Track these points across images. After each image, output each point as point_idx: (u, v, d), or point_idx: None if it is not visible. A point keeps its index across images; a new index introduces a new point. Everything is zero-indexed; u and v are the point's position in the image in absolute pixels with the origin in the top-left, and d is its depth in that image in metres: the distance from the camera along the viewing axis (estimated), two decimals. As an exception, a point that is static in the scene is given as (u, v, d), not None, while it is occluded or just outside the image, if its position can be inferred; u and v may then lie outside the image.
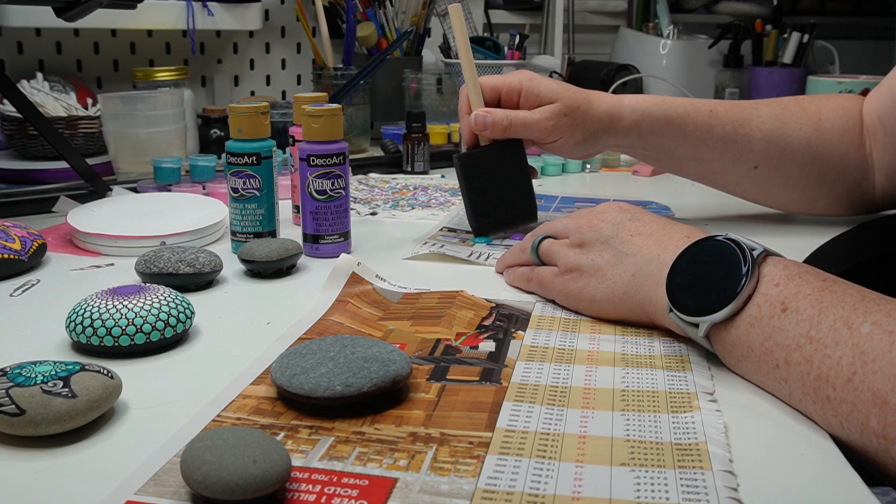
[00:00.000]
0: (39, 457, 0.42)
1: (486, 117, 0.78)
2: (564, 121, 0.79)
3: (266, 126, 0.75)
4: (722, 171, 0.85)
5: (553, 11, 1.84)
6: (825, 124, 0.82)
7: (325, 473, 0.40)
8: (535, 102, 0.80)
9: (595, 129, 0.80)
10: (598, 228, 0.61)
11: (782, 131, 0.82)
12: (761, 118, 0.83)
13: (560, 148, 0.81)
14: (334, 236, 0.76)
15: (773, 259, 0.51)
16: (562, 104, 0.79)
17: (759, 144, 0.82)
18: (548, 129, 0.79)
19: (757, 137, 0.82)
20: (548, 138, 0.80)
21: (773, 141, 0.82)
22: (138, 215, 0.82)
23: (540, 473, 0.40)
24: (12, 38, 1.35)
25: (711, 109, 0.82)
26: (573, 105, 0.79)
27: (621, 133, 0.81)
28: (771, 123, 0.82)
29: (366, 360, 0.47)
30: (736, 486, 0.39)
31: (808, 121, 0.82)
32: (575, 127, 0.79)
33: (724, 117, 0.82)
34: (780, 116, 0.83)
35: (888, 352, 0.41)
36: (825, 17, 2.12)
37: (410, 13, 1.48)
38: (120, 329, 0.53)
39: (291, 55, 1.62)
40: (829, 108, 0.83)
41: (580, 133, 0.80)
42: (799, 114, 0.83)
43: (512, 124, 0.78)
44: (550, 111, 0.79)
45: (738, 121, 0.82)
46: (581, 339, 0.57)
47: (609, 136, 0.82)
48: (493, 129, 0.79)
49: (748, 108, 0.84)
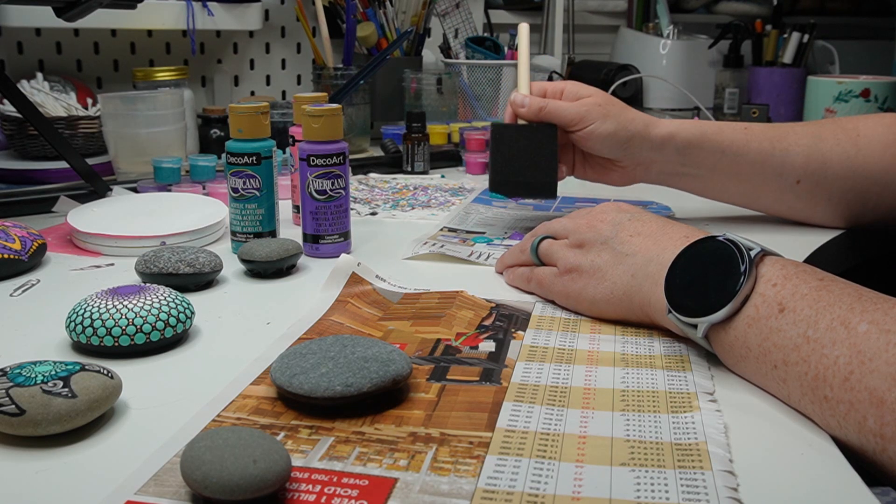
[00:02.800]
0: (39, 457, 0.42)
1: (525, 98, 0.83)
2: (597, 109, 0.81)
3: (266, 126, 0.76)
4: (765, 188, 0.85)
5: (553, 11, 1.84)
6: (863, 140, 0.81)
7: (325, 473, 0.40)
8: (575, 98, 0.83)
9: (627, 125, 0.81)
10: (597, 229, 0.61)
11: (820, 146, 0.82)
12: (797, 135, 0.83)
13: (592, 138, 0.81)
14: (334, 236, 0.76)
15: (770, 259, 0.51)
16: (598, 98, 0.82)
17: (797, 158, 0.82)
18: (580, 113, 0.81)
19: (795, 152, 0.82)
20: (579, 123, 0.81)
21: (811, 156, 0.82)
22: (138, 215, 0.82)
23: (540, 473, 0.40)
24: (12, 38, 1.35)
25: (746, 127, 0.84)
26: (608, 99, 0.83)
27: (657, 142, 0.82)
28: (808, 139, 0.82)
29: (366, 360, 0.47)
30: (736, 486, 0.39)
31: (846, 137, 0.82)
32: (606, 116, 0.81)
33: (760, 134, 0.83)
34: (817, 133, 0.83)
35: (885, 351, 0.41)
36: (825, 17, 2.12)
37: (410, 13, 1.48)
38: (120, 329, 0.53)
39: (291, 55, 1.62)
40: (867, 126, 0.82)
41: (612, 123, 0.81)
42: (836, 131, 0.83)
43: (546, 106, 0.82)
44: (584, 101, 0.82)
45: (775, 137, 0.83)
46: (581, 339, 0.57)
47: (644, 141, 0.82)
48: (529, 109, 0.82)
49: (783, 127, 0.85)
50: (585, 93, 0.83)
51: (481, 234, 0.85)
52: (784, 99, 1.70)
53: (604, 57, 1.98)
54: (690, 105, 1.65)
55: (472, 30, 1.60)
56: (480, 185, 1.10)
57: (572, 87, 0.84)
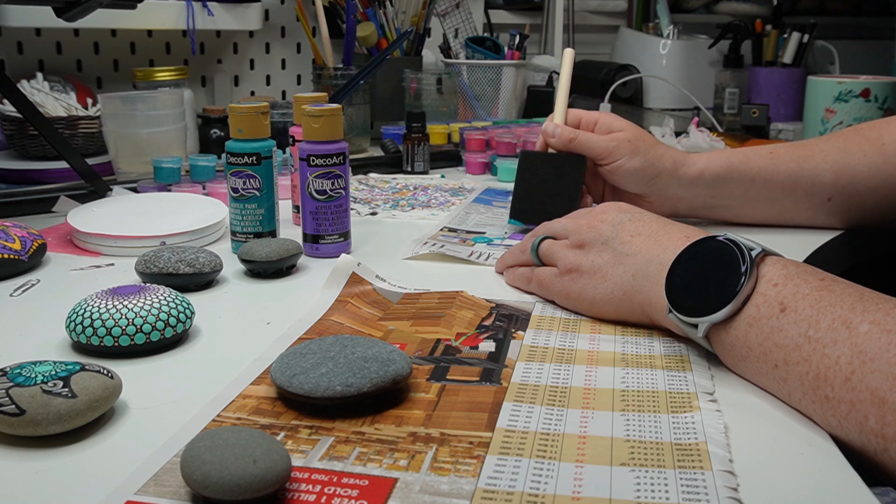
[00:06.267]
0: (39, 457, 0.42)
1: (556, 128, 0.84)
2: (626, 145, 0.81)
3: (266, 126, 0.76)
4: (797, 209, 0.85)
5: (553, 11, 1.84)
6: (889, 148, 0.81)
7: (325, 473, 0.40)
8: (606, 132, 0.83)
9: (655, 162, 0.81)
10: (597, 229, 0.61)
11: (847, 160, 0.82)
12: (823, 152, 0.83)
13: (619, 173, 0.82)
14: (334, 236, 0.76)
15: (771, 259, 0.51)
16: (629, 133, 0.82)
17: (826, 175, 0.82)
18: (608, 148, 0.81)
19: (823, 169, 0.82)
20: (607, 158, 0.82)
21: (840, 171, 0.82)
22: (138, 215, 0.82)
23: (540, 473, 0.40)
24: (12, 38, 1.35)
25: (772, 151, 0.84)
26: (639, 135, 0.82)
27: (686, 181, 0.82)
28: (834, 156, 0.82)
29: (366, 360, 0.47)
30: (736, 486, 0.39)
31: (871, 147, 0.81)
32: (635, 152, 0.81)
33: (786, 156, 0.83)
34: (843, 147, 0.82)
35: (886, 351, 0.41)
36: (825, 17, 2.12)
37: (410, 13, 1.48)
38: (120, 329, 0.53)
39: (291, 55, 1.62)
40: (890, 132, 0.82)
41: (639, 160, 0.81)
42: (861, 142, 0.82)
43: (577, 138, 0.83)
44: (615, 135, 0.82)
45: (801, 157, 0.82)
46: (581, 339, 0.57)
47: (671, 179, 0.82)
48: (560, 139, 0.83)
49: (808, 145, 0.84)
50: (618, 126, 0.83)
51: (481, 234, 0.85)
52: (784, 99, 1.70)
53: (604, 57, 1.98)
54: (690, 105, 1.65)
55: (472, 30, 1.60)
56: (480, 185, 1.10)
57: (606, 119, 0.84)
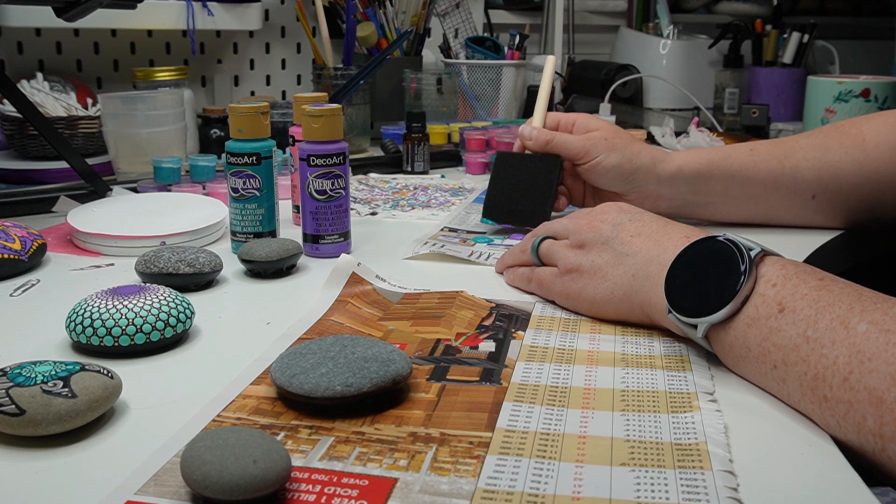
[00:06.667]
0: (39, 457, 0.42)
1: (533, 131, 0.84)
2: (603, 143, 0.81)
3: (266, 126, 0.76)
4: (782, 208, 0.84)
5: (553, 11, 1.84)
6: (870, 144, 0.81)
7: (325, 473, 0.40)
8: (584, 132, 0.84)
9: (633, 158, 0.81)
10: (598, 229, 0.61)
11: (828, 158, 0.81)
12: (804, 149, 0.82)
13: (596, 170, 0.82)
14: (334, 236, 0.76)
15: (770, 259, 0.51)
16: (605, 131, 0.83)
17: (809, 173, 0.82)
18: (584, 147, 0.82)
19: (805, 167, 0.82)
20: (584, 156, 0.82)
21: (822, 168, 0.81)
22: (138, 215, 0.82)
23: (540, 473, 0.40)
24: (12, 38, 1.35)
25: (752, 149, 0.83)
26: (615, 133, 0.83)
27: (664, 178, 0.82)
28: (815, 153, 0.82)
29: (366, 360, 0.47)
30: (736, 486, 0.39)
31: (852, 144, 0.81)
32: (612, 150, 0.81)
33: (766, 153, 0.83)
34: (823, 145, 0.82)
35: (884, 351, 0.41)
36: (825, 17, 2.12)
37: (410, 13, 1.48)
38: (120, 329, 0.53)
39: (291, 55, 1.62)
40: (871, 128, 0.82)
41: (616, 156, 0.81)
42: (841, 139, 0.82)
43: (553, 140, 0.83)
44: (591, 134, 0.83)
45: (781, 155, 0.82)
46: (581, 339, 0.57)
47: (650, 175, 0.82)
48: (536, 141, 0.84)
49: (788, 143, 0.84)
50: (594, 126, 0.83)
51: (481, 234, 0.85)
52: (784, 99, 1.70)
53: (604, 57, 1.98)
54: (690, 105, 1.65)
55: (472, 30, 1.60)
56: (480, 185, 1.10)
57: (583, 120, 0.84)
